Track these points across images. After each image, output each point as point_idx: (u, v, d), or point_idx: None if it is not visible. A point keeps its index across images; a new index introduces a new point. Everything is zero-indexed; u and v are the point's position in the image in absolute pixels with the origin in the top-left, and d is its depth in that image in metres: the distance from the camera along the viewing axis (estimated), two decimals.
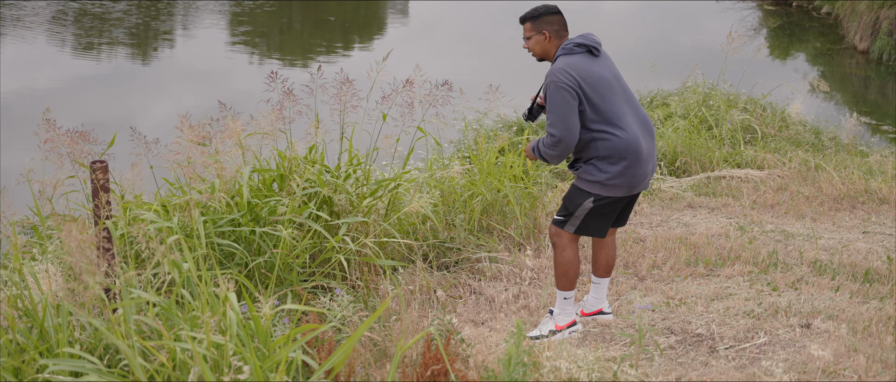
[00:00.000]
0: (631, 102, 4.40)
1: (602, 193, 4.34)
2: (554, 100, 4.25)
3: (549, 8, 4.44)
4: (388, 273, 5.05)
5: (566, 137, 4.24)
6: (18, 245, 3.51)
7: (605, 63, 4.39)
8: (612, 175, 4.28)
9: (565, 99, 4.22)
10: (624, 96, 4.37)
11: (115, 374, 3.24)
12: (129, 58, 14.59)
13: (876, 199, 7.17)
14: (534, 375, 3.80)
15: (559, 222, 4.47)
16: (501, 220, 5.94)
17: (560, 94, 4.23)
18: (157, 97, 12.01)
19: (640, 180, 4.37)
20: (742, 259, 5.63)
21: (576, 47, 4.34)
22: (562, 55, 4.35)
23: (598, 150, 4.28)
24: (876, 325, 4.55)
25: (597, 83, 4.27)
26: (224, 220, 4.59)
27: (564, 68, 4.25)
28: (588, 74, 4.26)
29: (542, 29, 4.41)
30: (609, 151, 4.27)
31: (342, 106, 5.11)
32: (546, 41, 4.42)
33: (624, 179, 4.30)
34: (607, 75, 4.33)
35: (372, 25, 18.73)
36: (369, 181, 5.24)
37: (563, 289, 4.53)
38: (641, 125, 4.38)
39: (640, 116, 4.40)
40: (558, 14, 4.44)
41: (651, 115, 9.22)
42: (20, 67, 13.14)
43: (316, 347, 3.73)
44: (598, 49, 4.37)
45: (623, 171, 4.28)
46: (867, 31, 15.46)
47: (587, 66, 4.28)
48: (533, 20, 4.43)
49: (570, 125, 4.23)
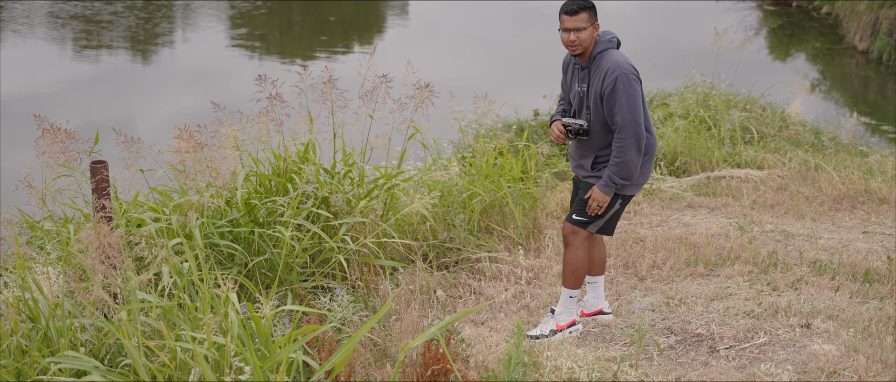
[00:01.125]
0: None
1: (630, 192, 4.35)
2: (629, 92, 4.07)
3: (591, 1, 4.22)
4: (388, 273, 5.05)
5: (638, 130, 4.12)
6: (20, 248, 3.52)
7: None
8: (642, 174, 4.31)
9: (639, 91, 4.12)
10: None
11: (116, 375, 3.25)
12: (129, 60, 14.59)
13: (876, 199, 7.18)
14: (534, 375, 3.81)
15: (580, 223, 4.42)
16: (501, 220, 5.94)
17: (634, 86, 4.10)
18: (156, 99, 12.02)
19: (648, 176, 4.43)
20: (742, 259, 5.63)
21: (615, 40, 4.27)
22: (610, 49, 4.20)
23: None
24: (876, 325, 4.55)
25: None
26: (223, 221, 4.60)
27: (629, 62, 4.15)
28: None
29: (595, 21, 4.19)
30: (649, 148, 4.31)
31: (330, 106, 5.10)
32: (596, 31, 4.21)
33: (645, 176, 4.34)
34: None
35: (372, 26, 18.73)
36: (364, 182, 5.25)
37: (570, 287, 4.51)
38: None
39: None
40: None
41: (651, 115, 9.24)
42: (19, 69, 13.15)
43: (316, 347, 3.74)
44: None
45: (647, 169, 4.33)
46: (867, 31, 15.46)
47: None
48: (591, 11, 4.15)
49: (640, 119, 4.12)
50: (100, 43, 15.42)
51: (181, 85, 12.79)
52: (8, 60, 13.60)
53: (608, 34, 4.28)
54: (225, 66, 14.11)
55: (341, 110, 5.10)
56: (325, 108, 5.15)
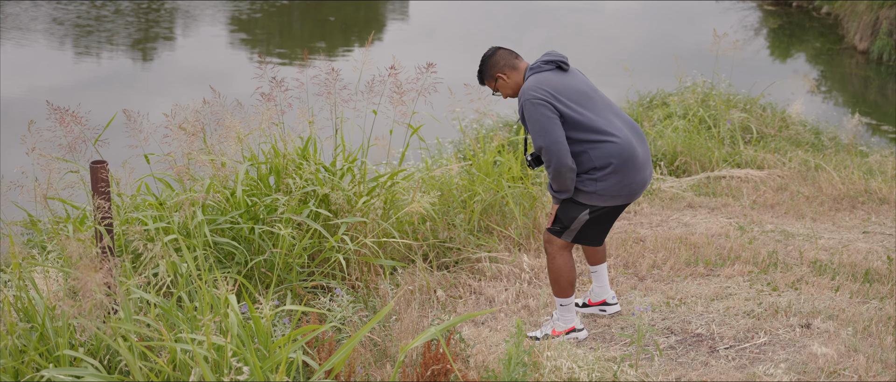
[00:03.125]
0: (614, 110, 4.29)
1: (599, 203, 4.24)
2: (532, 117, 4.13)
3: (486, 56, 4.39)
4: (388, 273, 5.05)
5: (553, 147, 4.10)
6: (18, 248, 3.51)
7: (578, 76, 4.32)
8: (610, 184, 4.17)
9: (542, 113, 4.11)
10: (605, 105, 4.27)
11: (114, 376, 3.25)
12: (130, 60, 14.59)
13: (876, 199, 7.18)
14: (534, 375, 3.80)
15: (553, 231, 4.40)
16: (501, 220, 5.94)
17: (536, 109, 4.12)
18: (156, 99, 12.01)
19: (639, 187, 4.27)
20: (742, 259, 5.63)
21: (544, 65, 4.28)
22: (530, 75, 4.27)
23: (592, 159, 4.16)
24: (876, 325, 4.55)
25: (573, 94, 4.19)
26: (223, 219, 4.60)
27: (535, 85, 4.17)
28: (562, 87, 4.18)
29: (495, 75, 4.36)
30: (603, 158, 4.15)
31: (332, 99, 5.09)
32: (508, 79, 4.35)
33: (621, 187, 4.20)
34: (583, 87, 4.26)
35: (372, 26, 18.73)
36: (365, 179, 5.24)
37: (558, 296, 4.48)
38: (631, 130, 4.27)
39: (627, 122, 4.29)
40: (497, 52, 4.38)
41: (651, 115, 9.22)
42: (20, 69, 13.14)
43: (316, 347, 3.74)
44: (567, 64, 4.32)
45: (620, 179, 4.18)
46: (867, 31, 15.47)
47: (558, 80, 4.21)
48: (484, 76, 4.40)
49: (555, 137, 4.10)
50: (99, 44, 15.42)
51: (181, 85, 12.78)
52: (8, 61, 13.60)
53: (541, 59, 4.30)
54: (225, 66, 14.11)
55: (343, 103, 5.10)
56: (325, 104, 5.15)
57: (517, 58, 4.38)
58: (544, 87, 4.15)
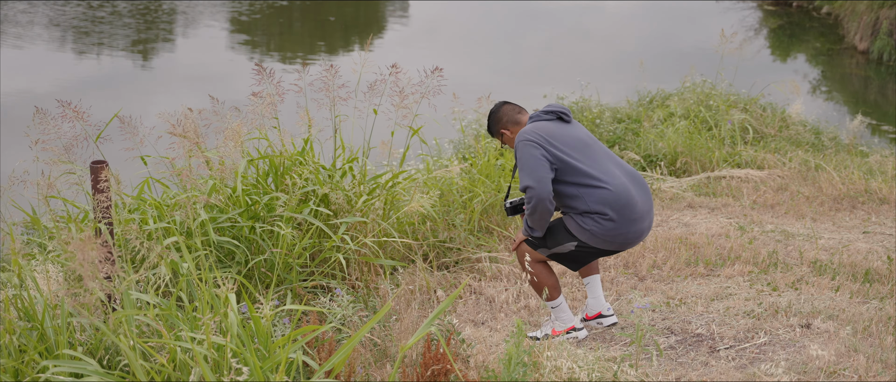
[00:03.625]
0: (613, 160, 4.33)
1: (588, 242, 4.26)
2: (522, 156, 4.20)
3: (493, 111, 4.52)
4: (388, 273, 5.05)
5: (537, 186, 4.11)
6: (17, 247, 3.51)
7: (578, 128, 4.38)
8: (604, 230, 4.18)
9: (531, 153, 4.16)
10: (604, 155, 4.32)
11: (114, 375, 3.25)
12: (129, 61, 14.59)
13: (876, 199, 7.18)
14: (534, 375, 3.80)
15: (532, 244, 4.40)
16: (501, 220, 5.94)
17: (526, 149, 4.18)
18: (156, 100, 12.02)
19: (635, 238, 4.27)
20: (742, 259, 5.63)
21: (543, 114, 4.36)
22: (530, 124, 4.36)
23: (588, 204, 4.17)
24: (876, 325, 4.55)
25: (569, 141, 4.25)
26: (223, 217, 4.60)
27: (530, 129, 4.27)
28: (559, 135, 4.25)
29: (500, 129, 4.50)
30: (598, 203, 4.16)
31: (331, 98, 5.09)
32: (511, 133, 4.47)
33: (616, 235, 4.20)
34: (582, 136, 4.32)
35: (372, 26, 18.73)
36: (365, 179, 5.24)
37: (548, 301, 4.49)
38: (631, 179, 4.29)
39: (627, 172, 4.32)
40: (502, 108, 4.48)
41: (651, 115, 9.21)
42: (19, 70, 13.15)
43: (316, 347, 3.74)
44: (567, 116, 4.37)
45: (616, 227, 4.18)
46: (867, 31, 15.46)
47: (557, 129, 4.28)
48: (492, 131, 4.55)
49: (540, 176, 4.12)
50: (99, 44, 15.43)
51: (181, 87, 12.79)
52: (7, 62, 13.61)
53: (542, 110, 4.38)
54: (225, 67, 14.11)
55: (342, 102, 5.10)
56: (324, 105, 5.14)
57: (521, 112, 4.48)
58: (539, 132, 4.24)
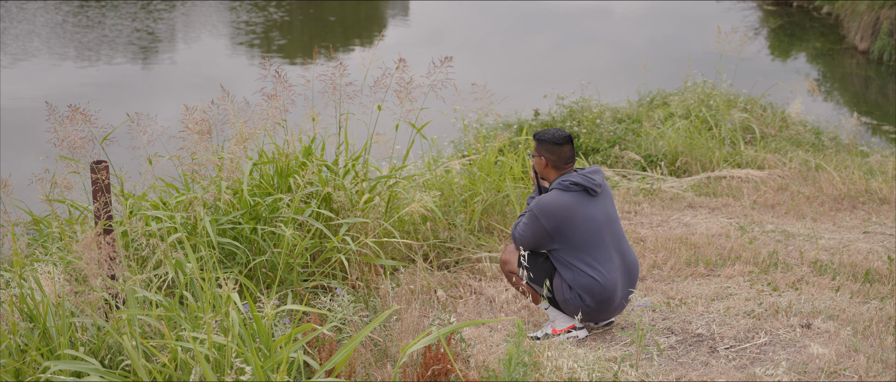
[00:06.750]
0: (619, 245, 4.44)
1: (559, 304, 4.47)
2: (528, 224, 4.38)
3: (557, 138, 4.42)
4: (389, 273, 5.05)
5: (519, 240, 4.45)
6: (20, 248, 3.52)
7: (602, 203, 4.41)
8: (578, 307, 4.39)
9: (536, 230, 4.37)
10: (612, 240, 4.41)
11: (116, 375, 3.25)
12: (131, 64, 14.60)
13: (876, 199, 7.18)
14: (534, 375, 3.81)
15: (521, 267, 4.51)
16: (502, 220, 5.94)
17: (535, 224, 4.36)
18: (157, 102, 12.02)
19: (602, 319, 4.53)
20: (742, 259, 5.63)
21: (572, 185, 4.37)
22: (556, 189, 4.39)
23: (575, 282, 4.36)
24: (876, 325, 4.55)
25: (582, 224, 4.33)
26: (226, 218, 4.60)
27: (551, 206, 4.33)
28: (574, 215, 4.32)
29: (542, 154, 4.47)
30: (584, 289, 4.35)
31: (338, 95, 5.09)
32: (545, 167, 4.48)
33: (585, 313, 4.43)
34: (599, 217, 4.37)
35: (373, 27, 18.73)
36: (367, 176, 5.24)
37: (539, 302, 4.58)
38: (624, 272, 4.46)
39: (625, 261, 4.46)
40: (564, 146, 4.42)
41: (651, 115, 9.22)
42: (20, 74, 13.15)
43: (317, 347, 3.74)
44: (596, 190, 4.38)
45: (589, 312, 4.42)
46: (867, 31, 15.47)
47: (578, 206, 4.33)
48: (538, 142, 4.47)
49: (528, 243, 4.42)
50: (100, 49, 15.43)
51: (183, 88, 12.80)
52: (6, 62, 13.61)
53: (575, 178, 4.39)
54: (225, 68, 14.12)
55: (349, 100, 5.11)
56: (331, 100, 5.15)
57: (567, 164, 4.45)
58: (556, 212, 4.32)
